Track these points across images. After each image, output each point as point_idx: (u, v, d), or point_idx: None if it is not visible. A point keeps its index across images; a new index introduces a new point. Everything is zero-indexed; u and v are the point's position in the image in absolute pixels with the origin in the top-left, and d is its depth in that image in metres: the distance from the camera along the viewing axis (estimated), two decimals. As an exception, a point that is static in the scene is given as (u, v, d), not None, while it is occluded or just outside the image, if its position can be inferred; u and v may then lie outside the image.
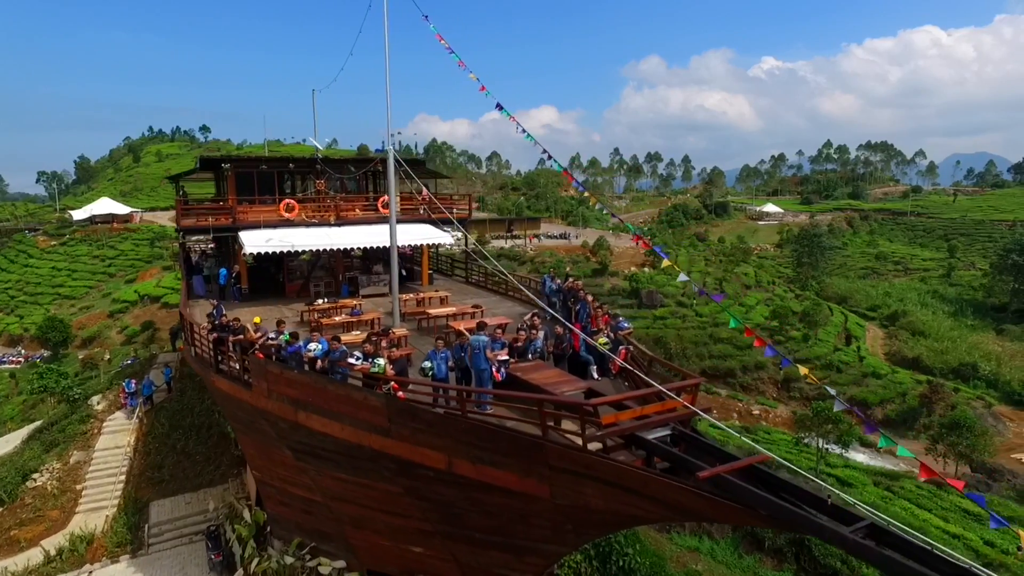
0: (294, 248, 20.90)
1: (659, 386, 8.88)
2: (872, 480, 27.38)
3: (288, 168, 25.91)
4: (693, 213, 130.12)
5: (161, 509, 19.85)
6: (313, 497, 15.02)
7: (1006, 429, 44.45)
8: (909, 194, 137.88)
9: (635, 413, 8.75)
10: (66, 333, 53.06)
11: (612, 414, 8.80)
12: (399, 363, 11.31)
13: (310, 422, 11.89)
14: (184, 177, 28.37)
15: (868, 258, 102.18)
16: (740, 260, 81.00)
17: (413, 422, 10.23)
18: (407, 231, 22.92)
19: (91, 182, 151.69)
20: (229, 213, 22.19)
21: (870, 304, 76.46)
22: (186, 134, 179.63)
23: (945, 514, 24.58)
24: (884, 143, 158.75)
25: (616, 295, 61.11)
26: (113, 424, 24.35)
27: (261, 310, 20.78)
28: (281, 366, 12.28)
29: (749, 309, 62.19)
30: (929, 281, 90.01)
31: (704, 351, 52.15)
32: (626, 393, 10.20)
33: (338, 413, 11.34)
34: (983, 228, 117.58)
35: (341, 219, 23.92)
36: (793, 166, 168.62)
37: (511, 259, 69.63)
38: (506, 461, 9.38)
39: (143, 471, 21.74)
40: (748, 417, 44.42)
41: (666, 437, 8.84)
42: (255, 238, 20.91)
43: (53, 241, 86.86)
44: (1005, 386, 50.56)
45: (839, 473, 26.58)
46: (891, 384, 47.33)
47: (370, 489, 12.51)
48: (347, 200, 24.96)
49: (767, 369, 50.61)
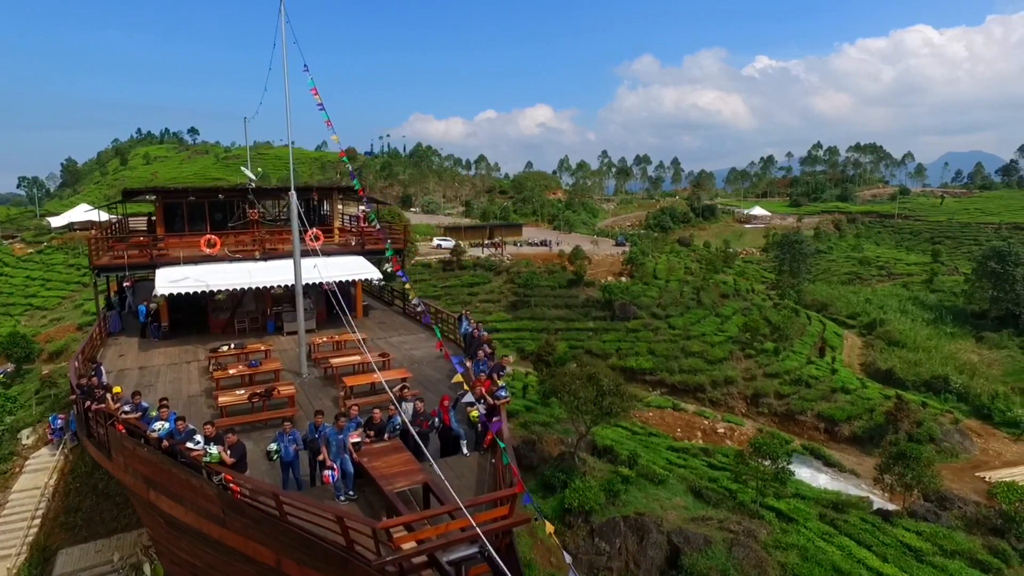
0: (209, 288, 20.38)
1: (459, 503, 8.39)
2: (819, 513, 26.94)
3: (217, 199, 25.34)
4: (680, 216, 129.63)
5: (68, 558, 19.37)
6: (195, 562, 14.57)
7: (973, 446, 44.08)
8: (897, 196, 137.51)
9: (432, 532, 8.27)
10: (29, 348, 52.38)
11: (431, 528, 8.33)
12: (237, 448, 10.80)
13: (159, 502, 11.43)
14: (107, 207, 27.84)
15: (853, 263, 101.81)
16: (721, 267, 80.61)
17: (242, 516, 9.77)
18: (334, 266, 22.41)
19: (77, 185, 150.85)
20: (147, 249, 21.66)
21: (850, 311, 76.08)
22: (175, 136, 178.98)
23: (886, 551, 24.14)
24: (873, 144, 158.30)
25: (590, 306, 60.62)
26: (36, 462, 23.86)
27: (177, 351, 20.32)
28: (134, 442, 11.80)
29: (725, 320, 61.70)
30: (912, 287, 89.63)
31: (675, 365, 51.69)
32: (429, 511, 9.45)
33: (181, 497, 10.88)
34: (969, 231, 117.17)
35: (268, 253, 23.41)
36: (783, 168, 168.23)
37: (487, 269, 69.15)
38: (327, 568, 8.92)
39: (59, 515, 21.26)
40: (713, 436, 43.95)
41: (475, 555, 8.35)
42: (169, 277, 20.39)
43: (30, 249, 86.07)
44: (975, 400, 50.19)
45: (783, 506, 26.12)
46: (859, 400, 46.86)
47: (233, 567, 12.06)
48: (275, 233, 24.45)
49: (737, 384, 50.21)
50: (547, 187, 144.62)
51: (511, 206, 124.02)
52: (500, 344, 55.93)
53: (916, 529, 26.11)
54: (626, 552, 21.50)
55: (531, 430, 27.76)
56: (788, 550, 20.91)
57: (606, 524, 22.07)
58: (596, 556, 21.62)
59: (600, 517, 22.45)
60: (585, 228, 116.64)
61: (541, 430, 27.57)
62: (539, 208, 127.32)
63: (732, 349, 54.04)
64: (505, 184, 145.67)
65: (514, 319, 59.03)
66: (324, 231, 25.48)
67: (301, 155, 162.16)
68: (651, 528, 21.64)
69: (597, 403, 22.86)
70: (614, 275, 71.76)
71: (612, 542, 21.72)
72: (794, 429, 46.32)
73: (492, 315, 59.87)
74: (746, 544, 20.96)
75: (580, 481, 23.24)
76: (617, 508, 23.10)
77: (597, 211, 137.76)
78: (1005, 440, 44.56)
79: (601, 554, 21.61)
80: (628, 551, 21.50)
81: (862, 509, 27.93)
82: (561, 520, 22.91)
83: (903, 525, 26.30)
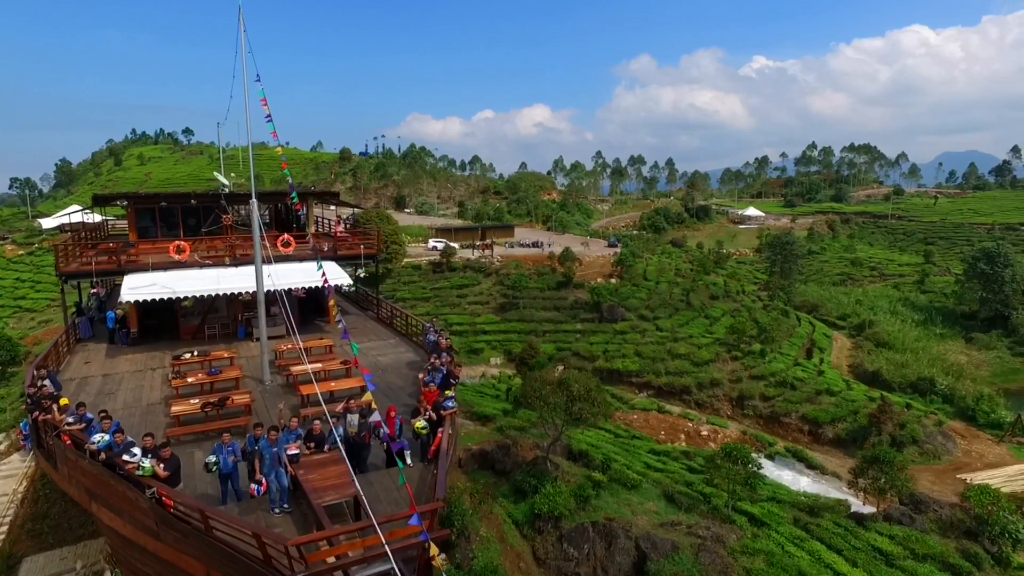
0: (175, 295, 20.40)
1: (373, 520, 8.40)
2: (793, 517, 26.97)
3: (190, 204, 25.33)
4: (675, 217, 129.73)
5: (33, 566, 19.36)
6: (148, 572, 14.60)
7: (955, 448, 44.13)
8: (891, 196, 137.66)
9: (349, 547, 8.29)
10: (15, 351, 52.35)
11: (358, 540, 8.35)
12: (171, 461, 10.81)
13: (101, 514, 11.45)
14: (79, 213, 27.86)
15: (845, 263, 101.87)
16: (711, 268, 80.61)
17: (173, 530, 9.80)
18: (300, 271, 22.44)
19: (71, 186, 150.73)
20: (115, 255, 21.68)
21: (840, 313, 76.16)
22: (170, 136, 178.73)
23: (856, 555, 24.17)
24: (867, 145, 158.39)
25: (578, 308, 60.68)
26: (6, 468, 23.85)
27: (144, 357, 20.34)
28: (77, 454, 11.81)
29: (714, 321, 61.77)
30: (903, 287, 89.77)
31: (661, 367, 51.69)
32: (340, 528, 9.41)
33: (120, 509, 10.89)
34: (962, 231, 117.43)
35: (238, 259, 23.43)
36: (778, 168, 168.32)
37: (477, 270, 69.15)
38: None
39: (26, 521, 21.25)
40: (697, 438, 43.99)
41: (390, 571, 8.36)
42: (135, 283, 20.41)
43: (21, 251, 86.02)
44: (960, 401, 50.30)
45: (756, 511, 26.14)
46: (844, 402, 46.91)
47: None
48: (248, 239, 24.46)
49: (723, 386, 50.24)
50: (542, 188, 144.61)
51: (505, 207, 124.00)
52: (487, 346, 56.00)
53: (889, 533, 26.12)
54: (594, 558, 21.52)
55: (507, 434, 27.76)
56: (755, 555, 20.95)
57: (575, 530, 22.09)
58: (564, 562, 21.64)
59: (570, 522, 22.47)
60: (579, 229, 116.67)
61: (517, 434, 27.57)
62: (533, 209, 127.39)
63: (719, 351, 54.10)
64: (500, 185, 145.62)
65: (502, 321, 59.05)
66: (298, 237, 25.51)
67: (296, 155, 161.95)
68: (619, 534, 21.67)
69: (567, 409, 22.90)
70: (604, 276, 71.77)
71: (580, 548, 21.73)
72: (779, 431, 46.37)
73: (481, 317, 59.97)
74: (713, 550, 21.00)
75: (551, 486, 23.25)
76: (587, 513, 23.11)
77: (592, 212, 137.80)
78: (988, 441, 44.60)
79: (569, 560, 21.63)
80: (596, 557, 21.52)
81: (838, 513, 27.92)
82: (531, 526, 22.93)
83: (877, 529, 26.31)
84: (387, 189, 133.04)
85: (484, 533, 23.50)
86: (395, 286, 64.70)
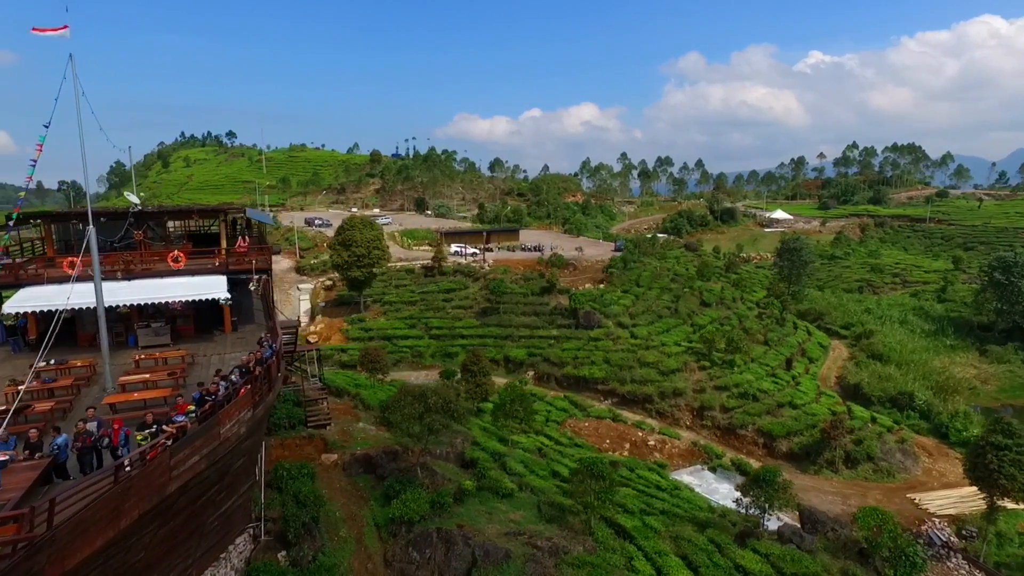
0: (50, 308, 22.51)
1: None
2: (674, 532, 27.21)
3: (100, 223, 27.56)
4: (698, 220, 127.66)
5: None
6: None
7: (915, 466, 42.81)
8: (931, 199, 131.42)
9: None
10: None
11: None
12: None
13: None
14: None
15: (866, 269, 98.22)
16: (713, 274, 79.33)
17: None
18: (177, 286, 24.34)
19: (122, 188, 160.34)
20: (11, 270, 24.08)
21: (845, 322, 73.84)
22: (215, 139, 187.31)
23: (714, 573, 24.31)
24: (912, 145, 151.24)
25: (557, 314, 61.12)
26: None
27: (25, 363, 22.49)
28: None
29: (698, 329, 61.11)
30: (922, 296, 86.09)
31: (627, 375, 51.67)
32: None
33: None
34: (1005, 236, 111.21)
35: (131, 273, 25.52)
36: (816, 168, 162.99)
37: (466, 275, 70.49)
38: None
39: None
40: (642, 448, 44.10)
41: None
42: (21, 297, 22.70)
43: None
44: (936, 418, 48.55)
45: (626, 523, 26.44)
46: (804, 416, 46.00)
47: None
48: (154, 254, 26.57)
49: (685, 396, 49.96)
50: (566, 190, 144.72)
51: (526, 209, 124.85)
52: (463, 350, 57.06)
53: (766, 551, 26.02)
54: (434, 562, 22.54)
55: (399, 441, 28.95)
56: (581, 568, 21.51)
57: (421, 535, 23.14)
58: (408, 564, 22.74)
59: (421, 527, 23.56)
60: (596, 232, 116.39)
61: (410, 441, 28.73)
62: (553, 211, 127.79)
63: (687, 360, 53.71)
64: (524, 187, 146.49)
65: (481, 326, 60.07)
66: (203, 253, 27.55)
67: (331, 157, 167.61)
68: (459, 541, 22.59)
69: (421, 419, 23.98)
70: (594, 282, 71.96)
71: (423, 552, 22.79)
72: (734, 443, 45.86)
73: (461, 321, 61.16)
74: (541, 560, 21.69)
75: (410, 492, 24.35)
76: (442, 520, 24.08)
77: (615, 214, 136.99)
78: (956, 460, 42.85)
79: (412, 563, 22.72)
80: (436, 561, 22.53)
81: (725, 530, 27.94)
82: (387, 529, 24.14)
83: (754, 547, 26.25)
84: (414, 191, 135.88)
85: (343, 534, 24.87)
86: (384, 289, 66.77)
